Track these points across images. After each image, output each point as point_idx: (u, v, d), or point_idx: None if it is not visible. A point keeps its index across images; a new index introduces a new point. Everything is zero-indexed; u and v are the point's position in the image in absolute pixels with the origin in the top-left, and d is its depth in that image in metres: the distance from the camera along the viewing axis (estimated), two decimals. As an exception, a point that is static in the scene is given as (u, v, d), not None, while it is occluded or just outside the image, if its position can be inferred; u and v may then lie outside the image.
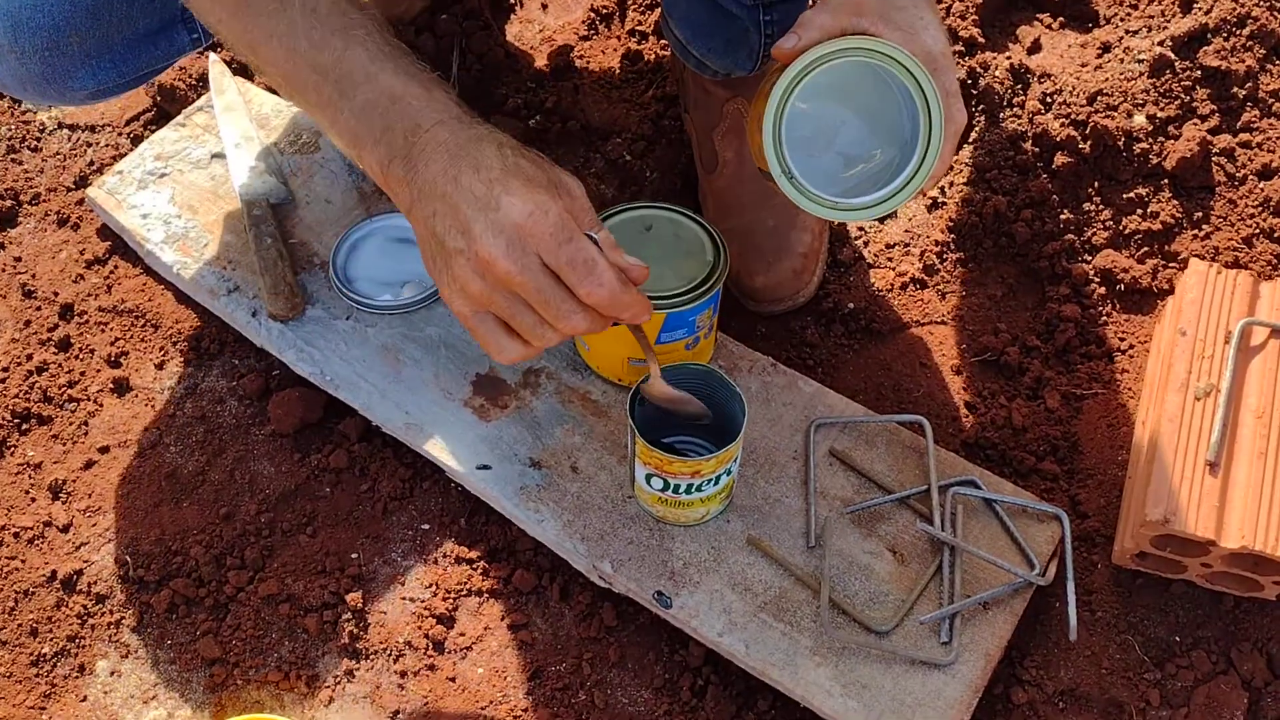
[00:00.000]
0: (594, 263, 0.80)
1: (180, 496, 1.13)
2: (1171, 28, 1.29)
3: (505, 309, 0.81)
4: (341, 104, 0.83)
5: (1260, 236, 1.22)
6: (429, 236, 0.82)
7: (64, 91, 1.00)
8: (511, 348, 0.85)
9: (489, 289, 0.80)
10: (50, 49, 0.96)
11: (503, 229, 0.77)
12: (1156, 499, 1.00)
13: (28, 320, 1.23)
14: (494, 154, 0.80)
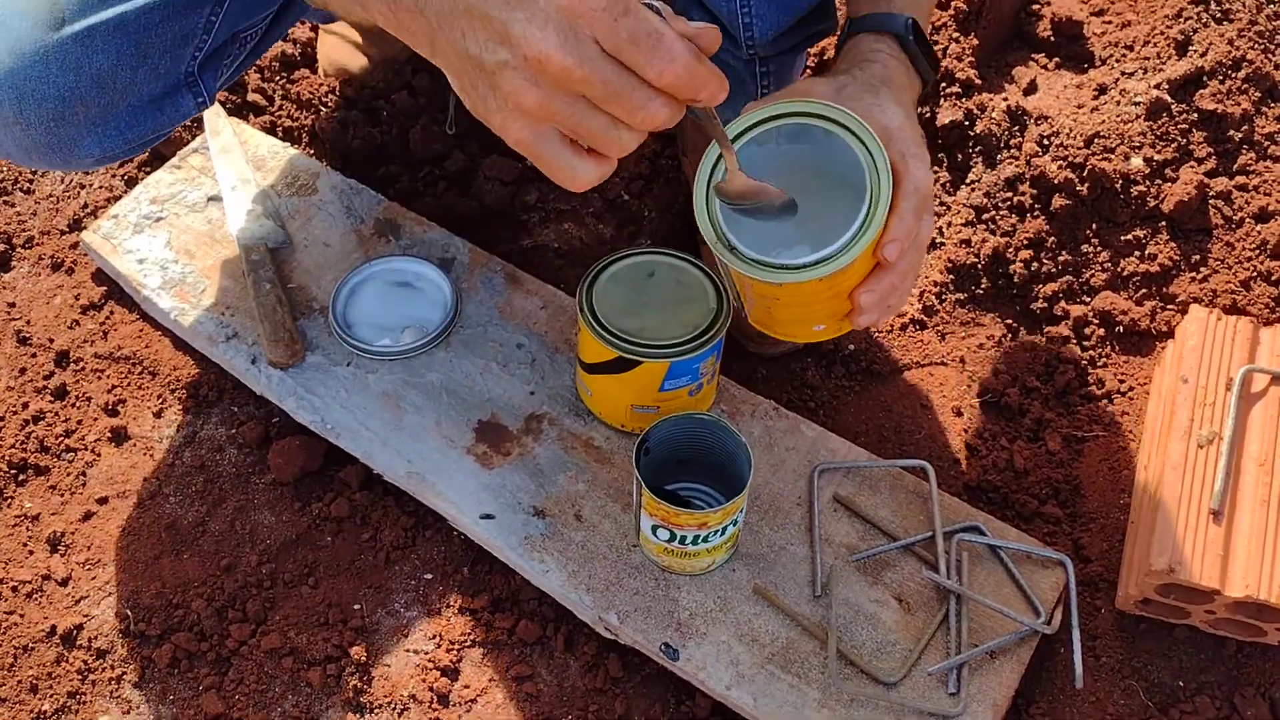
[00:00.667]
0: (660, 34, 0.68)
1: (181, 548, 1.12)
2: (1167, 70, 1.30)
3: (570, 117, 0.70)
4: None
5: (1258, 279, 1.23)
6: (463, 64, 0.72)
7: (69, 159, 0.99)
8: (585, 167, 0.74)
9: (546, 96, 0.69)
10: (56, 119, 0.95)
11: (548, 17, 0.67)
12: (1161, 548, 1.00)
13: (23, 368, 1.22)
14: None
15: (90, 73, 0.94)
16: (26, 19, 0.93)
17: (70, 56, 0.94)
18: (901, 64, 0.93)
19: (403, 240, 1.27)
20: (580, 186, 0.75)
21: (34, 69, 0.92)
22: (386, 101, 1.40)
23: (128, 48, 0.96)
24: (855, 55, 0.93)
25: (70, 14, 0.93)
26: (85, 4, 0.94)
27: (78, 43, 0.94)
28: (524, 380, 1.17)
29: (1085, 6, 1.44)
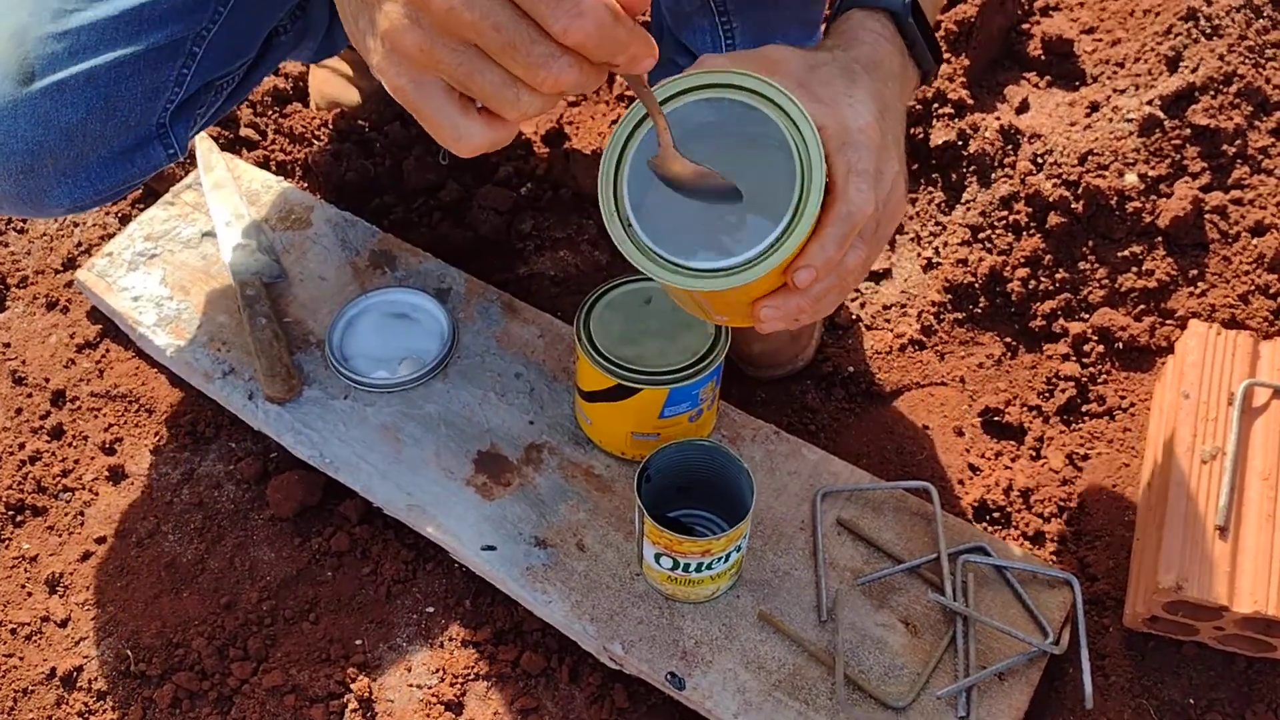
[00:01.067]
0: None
1: (180, 586, 1.11)
2: (1159, 86, 1.30)
3: (457, 67, 0.60)
4: None
5: (1256, 293, 1.22)
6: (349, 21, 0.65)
7: (40, 209, 0.99)
8: (472, 129, 0.63)
9: (429, 39, 0.59)
10: (25, 171, 0.94)
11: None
12: (1168, 565, 0.99)
13: (19, 408, 1.22)
14: None
15: (59, 126, 0.94)
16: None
17: (39, 110, 0.93)
18: (895, 48, 0.83)
19: (398, 271, 1.26)
20: (467, 151, 0.64)
21: (3, 123, 0.92)
22: (379, 133, 1.40)
23: (97, 101, 0.95)
24: (843, 33, 0.82)
25: (40, 69, 0.93)
26: (55, 58, 0.93)
27: (47, 97, 0.93)
28: (523, 410, 1.17)
29: (1075, 24, 1.45)
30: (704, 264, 0.70)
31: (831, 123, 0.73)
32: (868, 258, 0.76)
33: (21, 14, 0.94)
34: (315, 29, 1.17)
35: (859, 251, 0.74)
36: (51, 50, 0.93)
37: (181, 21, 0.98)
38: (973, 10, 1.39)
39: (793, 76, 0.75)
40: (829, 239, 0.71)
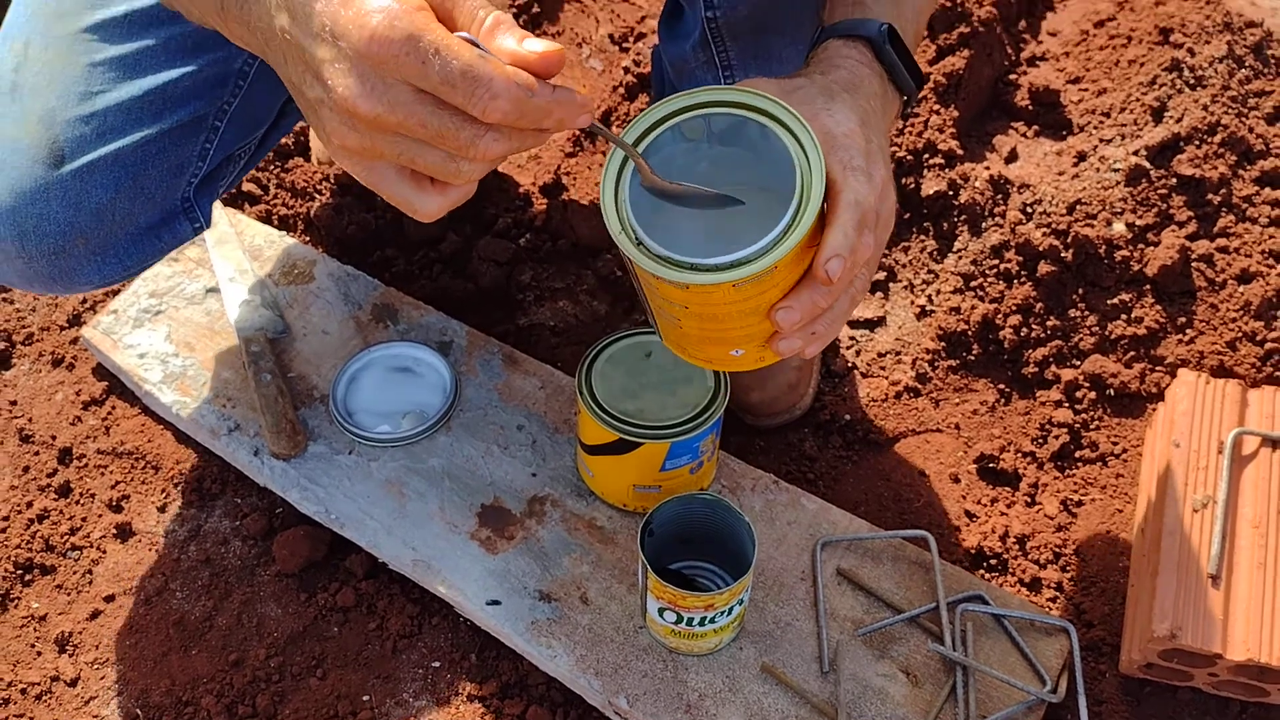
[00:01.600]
0: (474, 71, 0.61)
1: (189, 644, 1.12)
2: (1145, 136, 1.33)
3: (400, 154, 0.65)
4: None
5: (1243, 340, 1.25)
6: (290, 88, 0.69)
7: (70, 286, 1.01)
8: (427, 200, 0.68)
9: (366, 138, 0.65)
10: (56, 252, 0.96)
11: (352, 63, 0.62)
12: (1162, 614, 1.01)
13: (26, 466, 1.23)
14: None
15: (89, 207, 0.96)
16: (26, 157, 0.95)
17: (70, 193, 0.95)
18: (874, 73, 0.84)
19: (400, 325, 1.28)
20: (427, 218, 0.70)
21: (35, 206, 0.94)
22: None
23: (125, 180, 0.97)
24: (821, 60, 0.84)
25: (70, 152, 0.95)
26: (83, 141, 0.96)
27: (77, 179, 0.95)
28: (525, 462, 1.19)
29: (1061, 74, 1.48)
30: (720, 260, 0.71)
31: (816, 128, 0.74)
32: (876, 250, 0.76)
33: (49, 97, 0.96)
34: None
35: (869, 243, 0.75)
36: (80, 133, 0.96)
37: (204, 98, 1.00)
38: (961, 62, 1.42)
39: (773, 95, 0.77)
40: (846, 224, 0.72)
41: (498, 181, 1.46)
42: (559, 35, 1.65)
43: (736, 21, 1.02)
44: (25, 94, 0.97)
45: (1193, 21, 1.43)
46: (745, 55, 1.05)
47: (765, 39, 1.02)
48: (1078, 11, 1.55)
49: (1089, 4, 1.55)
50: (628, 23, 1.64)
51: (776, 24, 1.02)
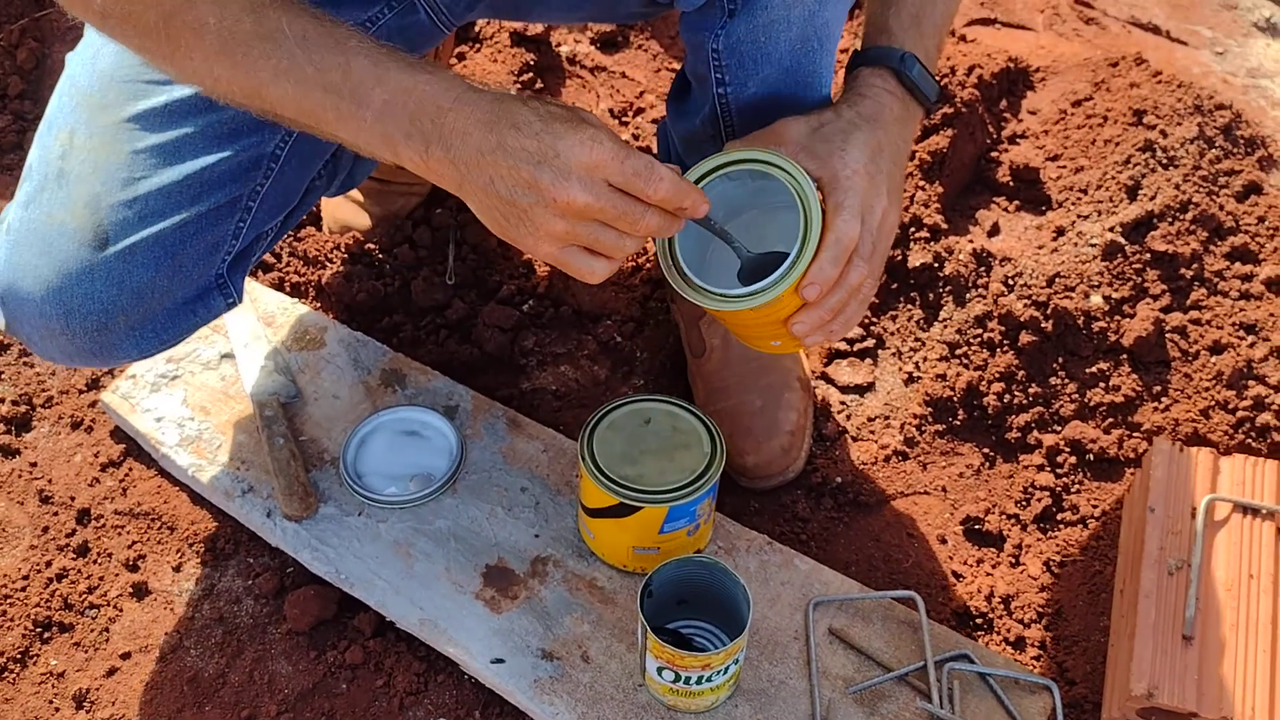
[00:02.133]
0: (652, 164, 0.87)
1: (202, 700, 1.16)
2: (1120, 213, 1.40)
3: (589, 236, 0.88)
4: (362, 113, 0.87)
5: (1216, 408, 1.31)
6: (493, 201, 0.88)
7: (108, 360, 1.07)
8: (599, 265, 0.91)
9: (571, 225, 0.87)
10: (99, 329, 1.02)
11: (571, 171, 0.84)
12: (1140, 673, 1.06)
13: (45, 526, 1.27)
14: (525, 110, 0.86)
15: (131, 286, 1.02)
16: (73, 240, 1.01)
17: (114, 273, 1.01)
18: (896, 97, 1.02)
19: (408, 390, 1.33)
20: (598, 280, 0.92)
21: (80, 286, 1.00)
22: (389, 255, 1.48)
23: (165, 260, 1.03)
24: (853, 89, 1.03)
25: (114, 234, 1.01)
26: (126, 224, 1.01)
27: (120, 260, 1.01)
28: (528, 524, 1.23)
29: (1041, 152, 1.55)
30: (739, 291, 0.95)
31: (825, 174, 0.96)
32: (870, 274, 0.98)
33: (95, 183, 1.02)
34: (343, 169, 1.26)
35: (860, 269, 0.96)
36: (123, 216, 1.01)
37: (239, 181, 1.06)
38: (945, 141, 1.49)
39: (797, 143, 0.98)
40: (825, 260, 0.93)
41: (502, 250, 1.52)
42: (561, 109, 1.71)
43: (745, 99, 1.09)
44: (72, 180, 1.03)
45: (1165, 104, 1.50)
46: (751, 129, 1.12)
47: (770, 115, 1.09)
48: (1056, 91, 1.62)
49: (1067, 85, 1.62)
50: (627, 98, 1.71)
51: (781, 103, 1.08)
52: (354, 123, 0.87)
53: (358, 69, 0.86)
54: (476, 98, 0.86)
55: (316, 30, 0.87)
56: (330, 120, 0.88)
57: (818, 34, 1.04)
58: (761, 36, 1.03)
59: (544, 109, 0.86)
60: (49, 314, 1.01)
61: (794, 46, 1.04)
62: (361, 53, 0.87)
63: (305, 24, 0.87)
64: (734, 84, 1.08)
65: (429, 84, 0.86)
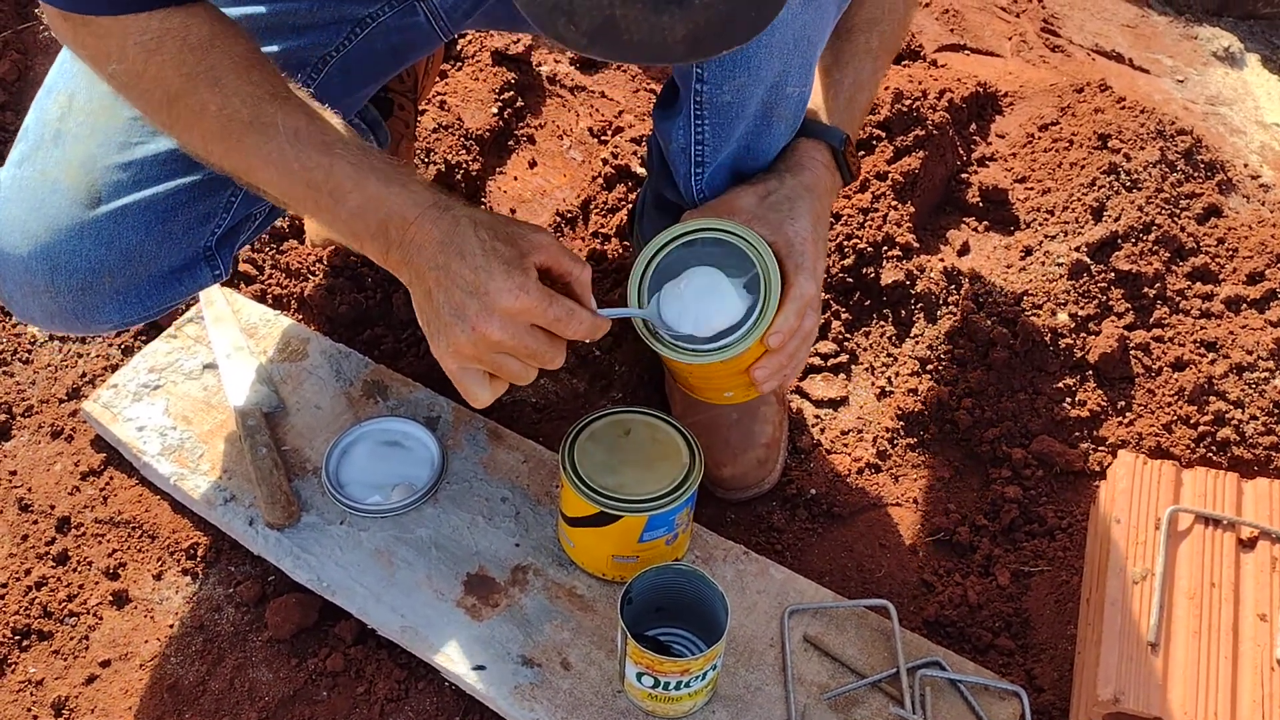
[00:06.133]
0: (573, 310, 0.95)
1: (182, 708, 1.16)
2: (1086, 234, 1.44)
3: (493, 363, 0.95)
4: (338, 209, 0.95)
5: (1178, 423, 1.35)
6: (428, 306, 0.95)
7: (90, 325, 1.07)
8: (485, 394, 0.98)
9: (482, 351, 0.94)
10: (84, 288, 1.03)
11: (494, 310, 0.91)
12: (1106, 679, 1.09)
13: (25, 534, 1.27)
14: (474, 240, 0.93)
15: (120, 247, 1.03)
16: (65, 198, 1.02)
17: (103, 232, 1.02)
18: (830, 172, 1.13)
19: (390, 400, 1.35)
20: (479, 405, 1.00)
21: (69, 243, 1.00)
22: (370, 268, 1.49)
23: (155, 225, 1.04)
24: (792, 157, 1.13)
25: (106, 195, 1.02)
26: (120, 186, 1.03)
27: (110, 220, 1.02)
28: (509, 533, 1.25)
29: (1009, 174, 1.59)
30: (710, 346, 1.05)
31: (780, 239, 1.05)
32: (817, 322, 1.09)
33: (91, 145, 1.04)
34: None
35: (812, 318, 1.07)
36: (117, 179, 1.03)
37: None
38: (917, 162, 1.53)
39: (749, 212, 1.08)
40: (790, 312, 1.04)
41: (482, 265, 1.53)
42: (541, 128, 1.74)
43: (720, 103, 1.11)
44: (68, 141, 1.04)
45: (1128, 129, 1.55)
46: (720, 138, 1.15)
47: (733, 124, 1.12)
48: (1024, 115, 1.67)
49: (1034, 109, 1.67)
50: (606, 117, 1.74)
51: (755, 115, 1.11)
52: (329, 215, 0.96)
53: (339, 172, 0.95)
54: (438, 216, 0.94)
55: (307, 129, 0.95)
56: (309, 208, 0.97)
57: (794, 46, 1.06)
58: None
59: (491, 242, 0.93)
60: (35, 269, 1.02)
61: (771, 55, 1.06)
62: (345, 157, 0.95)
63: (298, 121, 0.95)
64: (711, 84, 1.10)
65: (399, 196, 0.95)
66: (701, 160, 1.16)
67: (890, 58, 1.23)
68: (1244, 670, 1.10)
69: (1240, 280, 1.45)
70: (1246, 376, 1.37)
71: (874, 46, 1.17)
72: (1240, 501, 1.21)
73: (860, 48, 1.16)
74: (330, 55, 1.14)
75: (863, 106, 1.19)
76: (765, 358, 1.06)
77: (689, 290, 1.05)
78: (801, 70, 1.09)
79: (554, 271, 0.97)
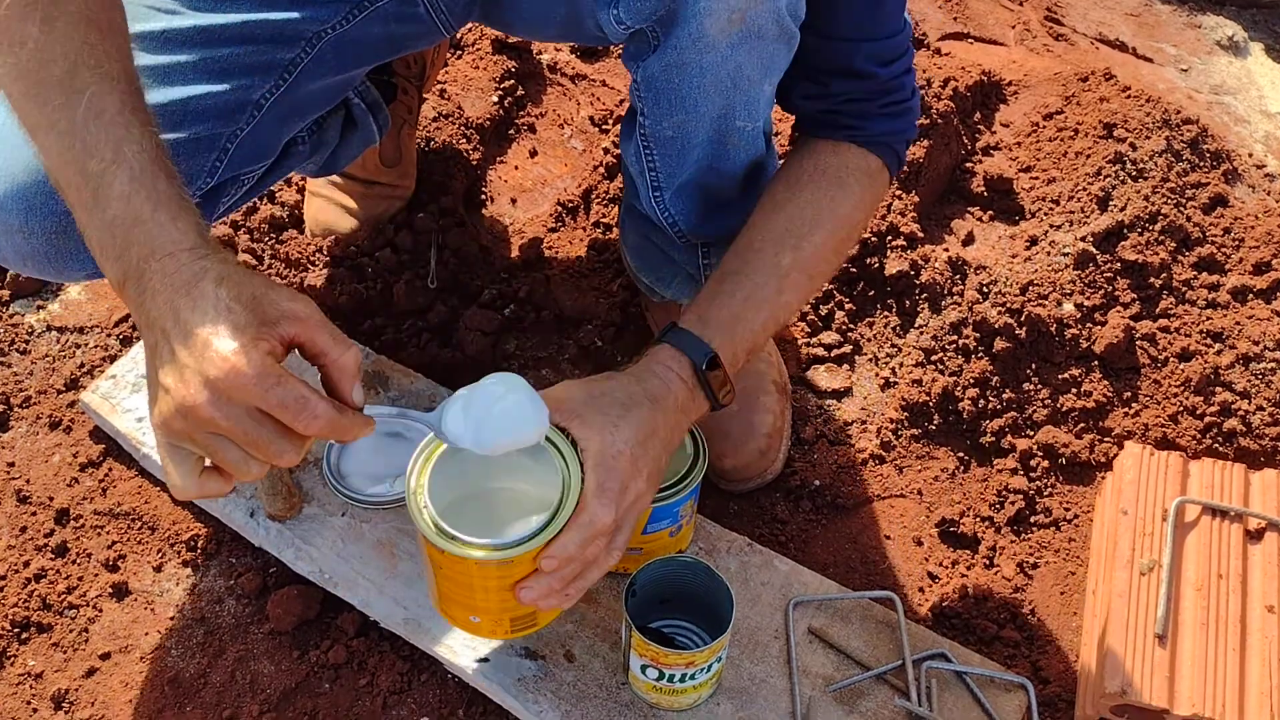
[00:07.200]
0: (305, 400, 0.79)
1: (183, 701, 1.15)
2: (1091, 224, 1.43)
3: (206, 445, 0.80)
4: (94, 212, 0.83)
5: (1184, 414, 1.34)
6: (149, 362, 0.83)
7: (62, 271, 1.04)
8: (194, 484, 0.83)
9: (190, 427, 0.79)
10: (58, 232, 1.00)
11: (206, 380, 0.77)
12: (1113, 672, 1.08)
13: (24, 526, 1.26)
14: (211, 295, 0.80)
15: None
16: None
17: None
18: (688, 388, 1.01)
19: (391, 391, 1.34)
20: (181, 497, 0.85)
21: (46, 185, 0.96)
22: (371, 259, 1.48)
23: None
24: (647, 362, 1.01)
25: None
26: None
27: None
28: (511, 525, 1.24)
29: (1014, 164, 1.58)
30: (478, 540, 0.92)
31: (593, 446, 0.93)
32: (608, 553, 0.95)
33: None
34: (326, 146, 1.28)
35: (598, 545, 0.93)
36: None
37: (222, 120, 1.06)
38: (921, 151, 1.52)
39: (572, 409, 0.95)
40: (570, 539, 0.91)
41: (484, 256, 1.53)
42: (542, 117, 1.73)
43: (662, 138, 1.11)
44: None
45: (1134, 118, 1.54)
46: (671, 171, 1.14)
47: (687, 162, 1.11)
48: (1028, 104, 1.66)
49: (1039, 98, 1.66)
50: (607, 106, 1.72)
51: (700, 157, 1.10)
52: (84, 214, 0.85)
53: (113, 175, 0.83)
54: (185, 259, 0.81)
55: (113, 114, 0.84)
56: (71, 198, 0.86)
57: (733, 84, 1.03)
58: (675, 76, 1.03)
59: (227, 301, 0.80)
60: (9, 209, 0.99)
61: (707, 94, 1.04)
62: (129, 162, 0.83)
63: (107, 103, 0.84)
64: (651, 119, 1.09)
65: (160, 226, 0.82)
66: (658, 185, 1.15)
67: (809, 281, 1.09)
68: (1251, 662, 1.09)
69: (1247, 270, 1.44)
70: (1253, 367, 1.36)
71: (784, 265, 1.05)
72: (1248, 493, 1.21)
73: (767, 263, 1.05)
74: (325, 32, 1.12)
75: (755, 328, 1.05)
76: (535, 578, 0.93)
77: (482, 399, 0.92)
78: (746, 106, 1.06)
79: (307, 350, 0.83)
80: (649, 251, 1.30)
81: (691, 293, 1.31)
